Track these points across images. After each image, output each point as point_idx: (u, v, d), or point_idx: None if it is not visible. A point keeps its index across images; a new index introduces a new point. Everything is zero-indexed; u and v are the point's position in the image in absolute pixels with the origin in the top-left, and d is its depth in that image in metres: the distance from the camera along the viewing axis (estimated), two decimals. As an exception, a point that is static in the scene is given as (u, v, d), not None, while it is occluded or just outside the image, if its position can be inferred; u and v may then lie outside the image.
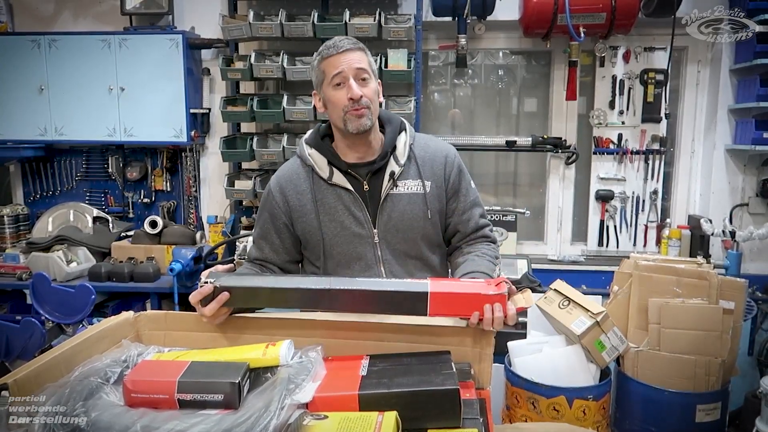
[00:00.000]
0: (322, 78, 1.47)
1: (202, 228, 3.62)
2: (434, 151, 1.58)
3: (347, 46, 1.45)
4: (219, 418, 0.89)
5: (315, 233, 1.53)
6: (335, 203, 1.51)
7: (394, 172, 1.51)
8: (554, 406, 1.87)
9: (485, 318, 1.16)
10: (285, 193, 1.55)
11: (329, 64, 1.45)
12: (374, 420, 0.89)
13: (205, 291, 1.20)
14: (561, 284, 2.08)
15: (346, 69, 1.44)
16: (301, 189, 1.54)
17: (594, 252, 3.60)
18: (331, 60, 1.44)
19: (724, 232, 3.21)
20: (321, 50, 1.48)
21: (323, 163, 1.52)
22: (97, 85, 3.37)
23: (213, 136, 3.62)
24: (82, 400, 0.92)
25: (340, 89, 1.45)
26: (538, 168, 3.72)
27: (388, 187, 1.51)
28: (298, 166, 1.57)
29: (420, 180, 1.53)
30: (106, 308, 3.25)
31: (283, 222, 1.56)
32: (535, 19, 3.07)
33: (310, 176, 1.53)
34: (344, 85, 1.44)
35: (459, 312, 1.19)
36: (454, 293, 1.21)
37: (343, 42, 1.45)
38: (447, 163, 1.58)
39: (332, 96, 1.46)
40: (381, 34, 3.11)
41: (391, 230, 1.51)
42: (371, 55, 1.52)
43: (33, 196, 3.80)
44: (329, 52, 1.45)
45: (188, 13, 3.54)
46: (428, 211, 1.52)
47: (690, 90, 3.49)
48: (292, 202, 1.54)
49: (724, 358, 1.96)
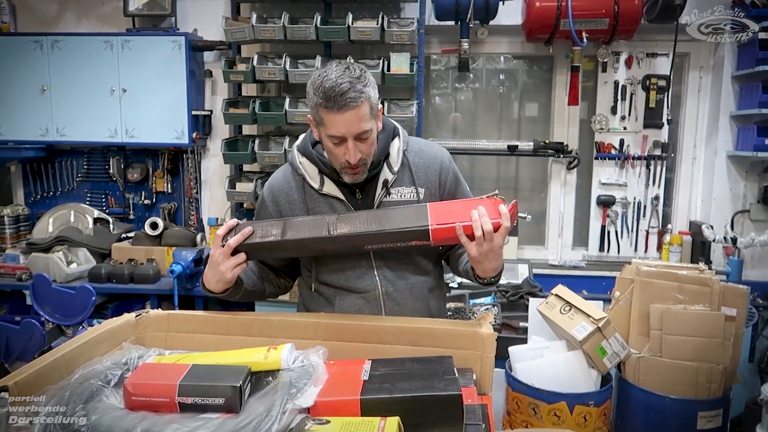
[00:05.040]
0: (320, 122, 1.38)
1: (202, 230, 3.61)
2: (429, 158, 1.55)
3: (350, 104, 1.31)
4: (220, 422, 0.89)
5: None
6: (327, 213, 1.48)
7: (387, 180, 1.48)
8: (555, 412, 1.85)
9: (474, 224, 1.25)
10: (278, 203, 1.53)
11: (330, 120, 1.34)
12: (376, 425, 0.89)
13: (231, 223, 1.32)
14: (562, 289, 2.07)
15: (346, 133, 1.34)
16: (293, 198, 1.52)
17: (595, 257, 3.60)
18: (332, 117, 1.33)
19: (726, 238, 3.20)
20: (321, 94, 1.32)
21: (314, 172, 1.50)
22: (99, 86, 3.37)
23: (214, 138, 3.62)
24: (83, 403, 0.91)
25: (339, 146, 1.38)
26: (540, 173, 3.71)
27: (381, 195, 1.48)
28: (289, 175, 1.55)
29: (414, 187, 1.50)
30: (105, 310, 3.24)
31: None
32: (538, 24, 3.07)
33: (301, 185, 1.51)
34: (341, 146, 1.37)
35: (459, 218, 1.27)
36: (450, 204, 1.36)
37: (345, 97, 1.30)
38: (442, 169, 1.55)
39: (330, 148, 1.40)
40: (384, 37, 3.11)
41: None
42: (373, 86, 1.39)
43: (34, 197, 3.80)
44: (330, 106, 1.31)
45: (191, 15, 3.54)
46: None
47: (692, 96, 3.49)
48: (285, 211, 1.52)
49: (726, 365, 1.95)
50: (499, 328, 2.67)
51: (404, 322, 1.21)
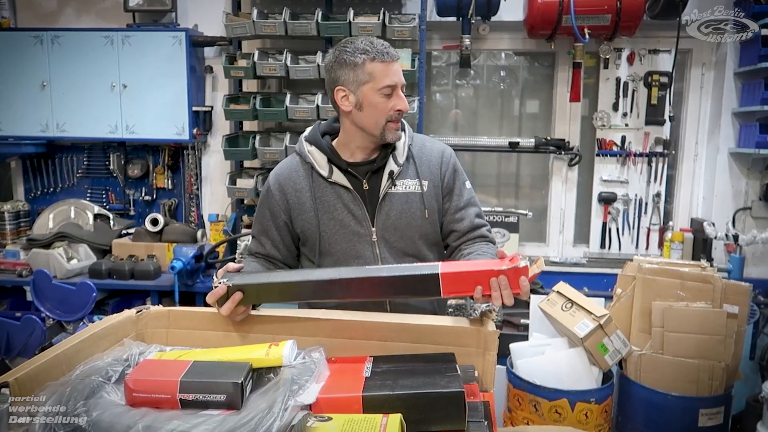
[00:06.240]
0: (366, 80, 1.43)
1: (203, 226, 3.61)
2: (431, 151, 1.59)
3: (395, 57, 1.45)
4: (221, 418, 0.88)
5: (313, 231, 1.53)
6: (334, 201, 1.52)
7: (393, 172, 1.52)
8: (556, 409, 1.85)
9: (493, 294, 1.17)
10: (284, 191, 1.55)
11: (381, 70, 1.42)
12: (379, 422, 0.88)
13: (219, 292, 1.23)
14: (564, 286, 2.07)
15: (398, 81, 1.44)
16: (299, 186, 1.54)
17: (596, 254, 3.60)
18: (384, 67, 1.42)
19: (727, 235, 3.19)
20: (367, 50, 1.42)
21: (323, 161, 1.53)
22: (99, 81, 3.36)
23: (215, 134, 3.61)
24: (83, 399, 0.91)
25: (388, 98, 1.44)
26: (541, 169, 3.71)
27: (387, 186, 1.52)
28: (297, 164, 1.57)
29: (418, 179, 1.54)
30: (106, 306, 3.24)
31: (283, 220, 1.57)
32: (540, 20, 3.06)
33: (309, 174, 1.54)
34: (393, 96, 1.44)
35: (473, 289, 1.19)
36: (466, 272, 1.21)
37: (391, 50, 1.44)
38: (443, 162, 1.58)
39: (378, 102, 1.44)
40: (385, 33, 3.10)
41: (390, 229, 1.52)
42: None
43: (34, 193, 3.79)
44: (383, 58, 1.42)
45: (192, 11, 3.53)
46: (425, 210, 1.54)
47: (694, 93, 3.48)
48: (291, 200, 1.55)
49: (727, 363, 1.95)
50: (500, 326, 2.67)
51: (406, 319, 1.21)
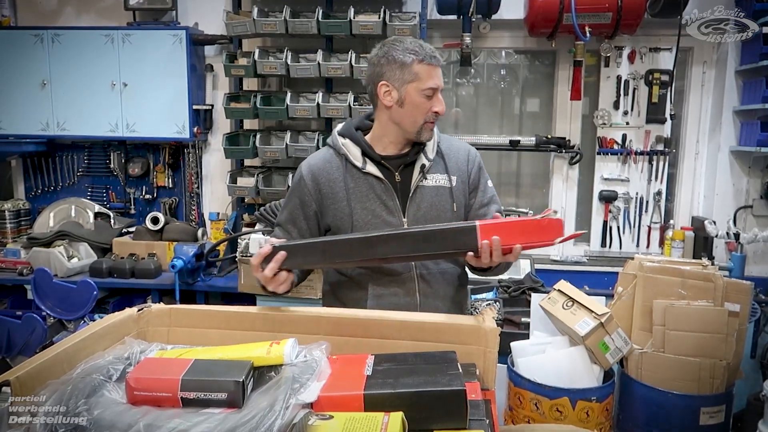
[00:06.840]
0: (412, 79, 1.50)
1: (203, 225, 3.61)
2: (458, 149, 1.66)
3: (441, 62, 1.53)
4: (223, 417, 0.88)
5: (346, 220, 1.56)
6: (367, 191, 1.56)
7: (425, 165, 1.57)
8: (557, 408, 1.85)
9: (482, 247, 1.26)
10: (317, 180, 1.58)
11: (427, 72, 1.49)
12: (380, 420, 0.88)
13: (264, 251, 1.28)
14: (565, 285, 2.07)
15: (440, 84, 1.53)
16: (333, 177, 1.58)
17: (597, 253, 3.59)
18: (430, 70, 1.50)
19: (728, 234, 3.19)
20: (417, 51, 1.49)
21: (357, 153, 1.57)
22: (99, 80, 3.36)
23: (216, 133, 3.61)
24: (84, 398, 0.90)
25: (429, 99, 1.51)
26: (542, 168, 3.70)
27: (419, 179, 1.57)
28: (330, 155, 1.61)
29: (447, 174, 1.60)
30: (106, 304, 3.25)
31: (314, 210, 1.59)
32: (541, 18, 3.06)
33: (343, 165, 1.58)
34: (433, 98, 1.51)
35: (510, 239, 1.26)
36: (503, 222, 1.31)
37: (438, 55, 1.52)
38: (470, 159, 1.65)
39: (420, 102, 1.51)
40: (385, 31, 3.10)
41: (420, 220, 1.56)
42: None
43: (34, 191, 3.79)
44: (430, 61, 1.49)
45: (192, 9, 3.53)
46: (454, 204, 1.59)
47: (695, 91, 3.47)
48: (324, 189, 1.58)
49: (729, 361, 1.95)
50: (500, 324, 2.67)
51: (407, 317, 1.21)
